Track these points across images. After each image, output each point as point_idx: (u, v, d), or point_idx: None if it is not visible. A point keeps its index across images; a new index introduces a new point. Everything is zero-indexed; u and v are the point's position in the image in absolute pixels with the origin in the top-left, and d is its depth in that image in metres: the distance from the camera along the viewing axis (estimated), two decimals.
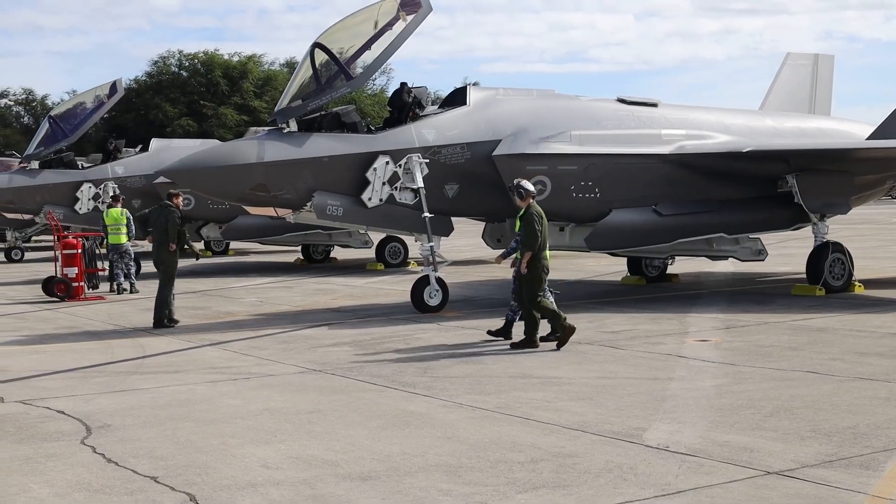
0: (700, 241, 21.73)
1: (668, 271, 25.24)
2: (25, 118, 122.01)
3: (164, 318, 19.22)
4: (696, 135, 21.96)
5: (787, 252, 30.67)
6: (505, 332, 16.15)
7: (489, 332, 16.28)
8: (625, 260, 24.99)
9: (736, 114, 24.11)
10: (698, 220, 21.37)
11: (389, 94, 23.03)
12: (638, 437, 9.56)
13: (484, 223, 23.38)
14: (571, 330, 15.31)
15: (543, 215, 15.70)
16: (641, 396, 11.50)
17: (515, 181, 16.22)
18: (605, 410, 10.78)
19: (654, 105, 22.54)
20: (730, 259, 23.45)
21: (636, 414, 10.56)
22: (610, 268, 27.85)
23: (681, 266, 26.11)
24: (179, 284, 27.72)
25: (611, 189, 20.73)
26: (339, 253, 36.70)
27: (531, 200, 15.80)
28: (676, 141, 21.56)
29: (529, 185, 16.09)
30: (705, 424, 10.01)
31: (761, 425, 9.91)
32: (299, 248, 36.04)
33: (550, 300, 15.96)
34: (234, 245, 42.28)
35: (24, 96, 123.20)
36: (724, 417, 10.30)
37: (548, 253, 15.73)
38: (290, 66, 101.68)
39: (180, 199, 20.27)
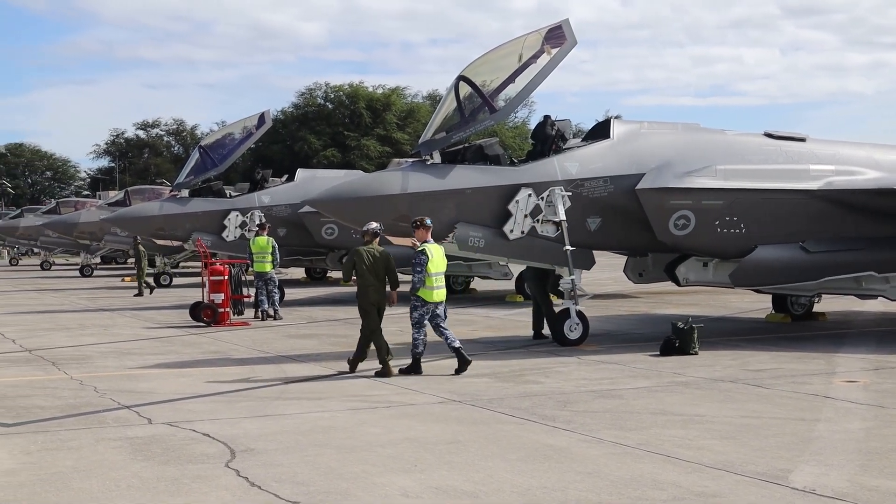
0: (848, 280, 21.12)
1: (814, 309, 24.67)
2: (176, 148, 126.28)
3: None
4: (845, 170, 21.39)
5: None
6: (413, 368, 16.79)
7: (399, 370, 16.75)
8: (769, 297, 24.53)
9: (887, 149, 23.44)
10: (847, 257, 20.80)
11: (531, 127, 23.06)
12: (783, 478, 9.35)
13: (626, 257, 23.23)
14: (388, 373, 16.44)
15: (358, 254, 16.71)
16: (787, 437, 11.25)
17: None
18: (749, 450, 10.57)
19: (803, 140, 22.07)
20: (879, 298, 22.77)
21: (781, 455, 10.33)
22: (754, 305, 27.34)
23: (828, 304, 25.49)
24: (320, 312, 28.25)
25: (756, 225, 20.34)
26: (478, 284, 36.70)
27: (368, 239, 16.97)
28: (825, 177, 21.04)
29: (368, 225, 17.21)
30: (853, 468, 9.74)
31: None
32: None
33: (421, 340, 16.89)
34: None
35: (175, 126, 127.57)
36: (872, 461, 10.01)
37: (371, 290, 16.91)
38: (433, 98, 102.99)
39: None
